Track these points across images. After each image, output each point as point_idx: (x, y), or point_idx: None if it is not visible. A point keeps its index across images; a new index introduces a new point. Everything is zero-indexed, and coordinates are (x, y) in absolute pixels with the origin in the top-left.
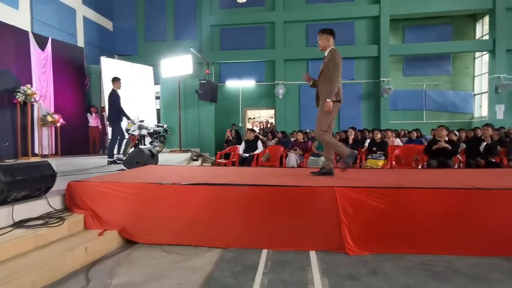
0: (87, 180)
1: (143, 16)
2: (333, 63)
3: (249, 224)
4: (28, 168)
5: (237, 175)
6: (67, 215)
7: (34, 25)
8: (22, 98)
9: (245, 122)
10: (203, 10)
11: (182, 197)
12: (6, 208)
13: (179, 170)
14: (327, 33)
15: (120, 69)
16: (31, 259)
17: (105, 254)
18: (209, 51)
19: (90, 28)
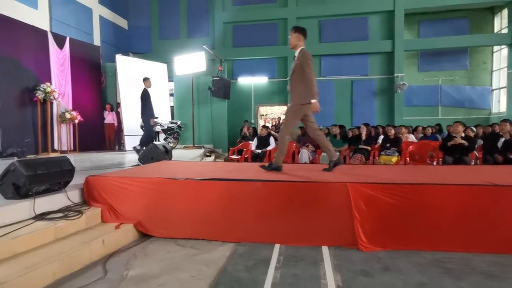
0: (104, 175)
1: (157, 14)
2: (307, 64)
3: (262, 219)
4: (48, 163)
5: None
6: (85, 209)
7: (52, 25)
8: (42, 96)
9: (257, 118)
10: (216, 7)
11: (195, 192)
12: (28, 201)
13: (193, 165)
14: (299, 32)
15: (135, 66)
16: (52, 251)
17: (121, 247)
18: (222, 48)
19: (106, 27)
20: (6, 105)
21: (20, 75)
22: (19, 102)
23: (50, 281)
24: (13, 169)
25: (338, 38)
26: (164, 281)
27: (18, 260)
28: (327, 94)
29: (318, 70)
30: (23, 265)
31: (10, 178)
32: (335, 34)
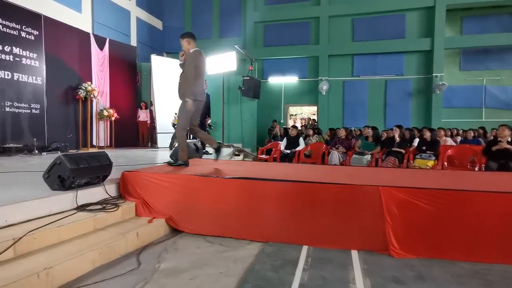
0: (138, 171)
1: (190, 15)
2: (194, 66)
3: (290, 219)
4: (89, 157)
5: (278, 171)
6: (121, 202)
7: (94, 27)
8: (84, 94)
9: (286, 118)
10: (248, 7)
11: (224, 190)
12: (71, 193)
13: (222, 164)
14: (186, 37)
15: (169, 66)
16: (91, 240)
17: (153, 240)
18: (253, 48)
19: (142, 28)
20: (52, 102)
21: (64, 74)
22: (63, 100)
23: (90, 268)
24: (59, 163)
25: (372, 37)
26: (194, 275)
27: (63, 246)
28: (360, 94)
29: (351, 69)
30: (68, 252)
31: (56, 170)
32: (369, 32)
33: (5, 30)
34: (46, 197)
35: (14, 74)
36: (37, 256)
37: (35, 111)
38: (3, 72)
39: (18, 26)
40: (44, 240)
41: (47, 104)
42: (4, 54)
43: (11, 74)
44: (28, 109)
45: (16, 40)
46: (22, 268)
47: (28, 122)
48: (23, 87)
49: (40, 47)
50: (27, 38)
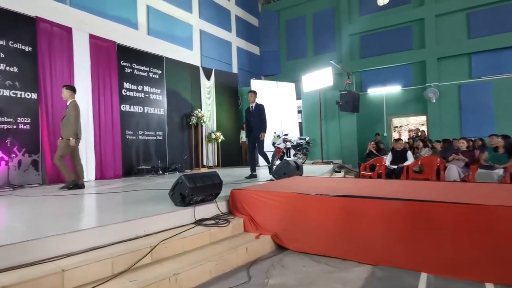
0: (245, 188)
1: (285, 37)
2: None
3: (404, 242)
4: (204, 177)
5: (386, 188)
6: (231, 218)
7: (202, 60)
8: (195, 120)
9: (390, 131)
10: (342, 21)
11: (328, 208)
12: (190, 209)
13: (324, 181)
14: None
15: (266, 88)
16: (208, 252)
17: (261, 256)
18: (349, 61)
19: (242, 55)
20: (171, 129)
21: (180, 104)
22: (179, 126)
23: (208, 278)
24: (180, 182)
25: (494, 30)
26: None
27: (186, 256)
28: (482, 98)
29: (468, 71)
30: (190, 261)
31: (178, 189)
32: (488, 26)
33: (138, 73)
34: (172, 211)
35: (144, 107)
36: (168, 263)
37: (159, 138)
38: (138, 107)
39: (147, 68)
40: (172, 249)
41: (167, 131)
42: (138, 92)
43: (143, 108)
44: (154, 136)
45: (146, 80)
46: (157, 272)
47: (154, 147)
48: (151, 118)
49: (162, 83)
50: (153, 77)
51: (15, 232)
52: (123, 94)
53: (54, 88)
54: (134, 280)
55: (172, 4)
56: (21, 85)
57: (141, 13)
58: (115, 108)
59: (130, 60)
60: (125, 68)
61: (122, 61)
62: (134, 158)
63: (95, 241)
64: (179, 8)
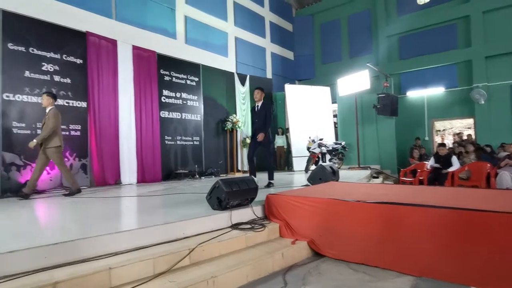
0: (280, 194)
1: (319, 41)
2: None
3: (450, 253)
4: (240, 181)
5: (429, 195)
6: (266, 223)
7: (237, 67)
8: (230, 126)
9: (432, 135)
10: (379, 22)
11: (367, 215)
12: (226, 213)
13: (361, 187)
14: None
15: (301, 92)
16: (244, 256)
17: (297, 262)
18: (387, 63)
19: (276, 61)
20: (207, 134)
21: (216, 110)
22: (215, 131)
23: (244, 282)
24: (217, 186)
25: None
26: None
27: (223, 259)
28: None
29: None
30: (227, 264)
31: (215, 193)
32: None
33: (176, 80)
34: (209, 215)
35: (182, 114)
36: (205, 266)
37: (196, 143)
38: (176, 113)
39: (185, 76)
40: (210, 252)
41: (204, 136)
42: (176, 99)
43: (181, 114)
44: (191, 141)
45: (183, 87)
46: (196, 274)
47: (191, 152)
48: (188, 124)
49: (199, 90)
50: (190, 84)
51: (68, 231)
52: (162, 101)
53: (101, 97)
54: (173, 281)
55: (208, 13)
56: (73, 95)
57: (179, 23)
58: (155, 114)
59: (169, 69)
60: (164, 76)
61: (161, 70)
62: (173, 163)
63: (138, 241)
64: (215, 17)
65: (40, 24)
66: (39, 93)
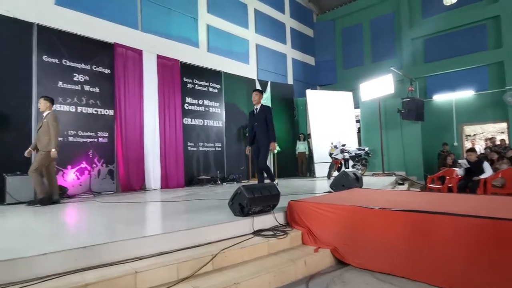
0: (303, 200)
1: (341, 46)
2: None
3: (482, 265)
4: (262, 188)
5: (461, 203)
6: (289, 230)
7: (259, 73)
8: None
9: (461, 140)
10: (403, 25)
11: (393, 224)
12: (249, 219)
13: (386, 194)
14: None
15: (322, 98)
16: (267, 263)
17: (320, 270)
18: (411, 67)
19: (297, 66)
20: (229, 141)
21: (237, 116)
22: (236, 137)
23: None
24: (239, 192)
25: None
26: None
27: (245, 266)
28: None
29: None
30: (249, 271)
31: (237, 199)
32: None
33: (199, 88)
34: (231, 221)
35: (204, 120)
36: (228, 272)
37: (218, 149)
38: (198, 120)
39: (207, 83)
40: (232, 258)
41: (226, 142)
42: (199, 106)
43: (203, 121)
44: (213, 147)
45: (206, 94)
46: (218, 280)
47: (213, 158)
48: (210, 130)
49: (221, 97)
50: (213, 91)
51: (96, 235)
52: (185, 108)
53: (127, 105)
54: (197, 286)
55: (229, 21)
56: (101, 103)
57: (201, 32)
58: (178, 121)
59: (191, 76)
60: (187, 84)
61: (184, 78)
62: (195, 168)
63: (162, 246)
64: (236, 25)
65: (72, 37)
66: (70, 102)
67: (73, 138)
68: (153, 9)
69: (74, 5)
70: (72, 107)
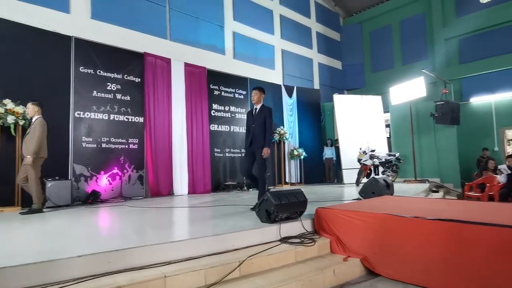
0: (331, 207)
1: (369, 49)
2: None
3: None
4: (288, 194)
5: (504, 213)
6: (317, 238)
7: (284, 79)
8: (277, 137)
9: (503, 145)
10: (435, 25)
11: (428, 234)
12: (275, 226)
13: (419, 202)
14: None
15: (350, 102)
16: (294, 271)
17: (349, 280)
18: (445, 68)
19: (323, 71)
20: None
21: None
22: None
23: None
24: (266, 199)
25: None
26: None
27: (272, 273)
28: None
29: None
30: (277, 279)
31: (264, 205)
32: None
33: (225, 94)
34: (258, 228)
35: (231, 126)
36: (255, 279)
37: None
38: (224, 126)
39: (233, 90)
40: (259, 265)
41: None
42: (225, 112)
43: (229, 127)
44: (239, 153)
45: (232, 100)
46: (246, 287)
47: (239, 164)
48: (236, 136)
49: (247, 103)
50: (238, 98)
51: (127, 239)
52: (212, 114)
53: (156, 112)
54: None
55: (255, 28)
56: (132, 111)
57: (228, 39)
58: (205, 128)
59: (218, 83)
60: (214, 91)
61: (211, 85)
62: (222, 174)
63: (190, 251)
64: (262, 31)
65: (106, 48)
66: (104, 110)
67: (105, 145)
68: (181, 18)
69: (108, 18)
70: (105, 115)
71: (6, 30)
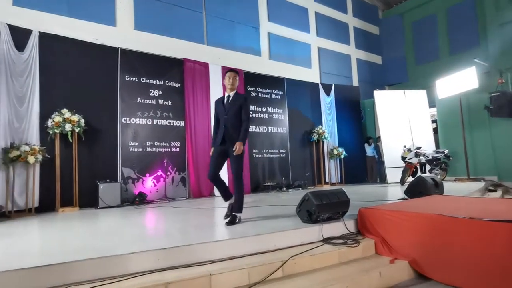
0: (375, 207)
1: (411, 41)
2: None
3: None
4: (330, 194)
5: None
6: (360, 238)
7: (322, 77)
8: (316, 137)
9: None
10: (487, 9)
11: (486, 236)
12: (317, 226)
13: (473, 202)
14: None
15: (392, 98)
16: (337, 272)
17: (397, 283)
18: (500, 56)
19: (362, 67)
20: (293, 147)
21: (301, 122)
22: (301, 143)
23: None
24: (307, 199)
25: None
26: None
27: (315, 274)
28: None
29: None
30: (320, 280)
31: (305, 206)
32: None
33: (262, 95)
34: (299, 228)
35: (268, 127)
36: (298, 279)
37: (282, 155)
38: (262, 127)
39: (270, 90)
40: (301, 265)
41: (290, 148)
42: (262, 113)
43: (267, 128)
44: (278, 154)
45: (269, 101)
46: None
47: (278, 165)
48: (274, 137)
49: (284, 103)
50: (276, 98)
51: (174, 238)
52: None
53: (196, 116)
54: None
55: (290, 27)
56: (173, 116)
57: (263, 41)
58: None
59: (255, 85)
60: (251, 92)
61: (248, 86)
62: (260, 175)
63: (233, 251)
64: (297, 30)
65: (148, 56)
66: (148, 116)
67: (150, 149)
68: (217, 23)
69: (149, 28)
70: (149, 120)
71: (63, 46)
